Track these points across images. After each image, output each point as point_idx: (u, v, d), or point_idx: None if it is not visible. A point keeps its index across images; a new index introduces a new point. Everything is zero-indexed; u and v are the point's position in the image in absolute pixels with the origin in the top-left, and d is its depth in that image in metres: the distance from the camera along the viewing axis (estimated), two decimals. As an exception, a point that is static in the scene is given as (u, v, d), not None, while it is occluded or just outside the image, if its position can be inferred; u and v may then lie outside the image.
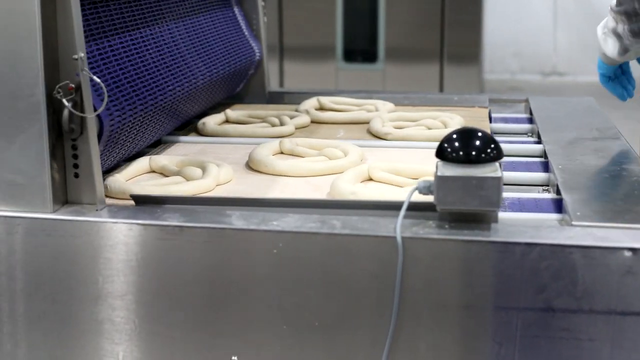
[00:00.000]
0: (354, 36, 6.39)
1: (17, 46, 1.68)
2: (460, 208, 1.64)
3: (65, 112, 1.71)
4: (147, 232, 1.68)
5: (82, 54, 1.71)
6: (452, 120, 2.59)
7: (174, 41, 2.36)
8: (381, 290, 1.63)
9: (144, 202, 1.80)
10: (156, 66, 2.19)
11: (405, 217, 1.63)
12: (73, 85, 1.71)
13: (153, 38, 2.25)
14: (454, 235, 1.61)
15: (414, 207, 1.68)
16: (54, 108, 1.72)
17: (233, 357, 1.71)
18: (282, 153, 2.29)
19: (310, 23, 6.28)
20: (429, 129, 2.54)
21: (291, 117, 2.65)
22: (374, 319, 1.65)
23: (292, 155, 2.28)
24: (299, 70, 6.32)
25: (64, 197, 1.77)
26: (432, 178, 1.66)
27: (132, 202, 1.83)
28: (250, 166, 2.15)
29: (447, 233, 1.62)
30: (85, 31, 1.84)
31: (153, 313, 1.72)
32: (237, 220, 1.69)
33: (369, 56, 6.34)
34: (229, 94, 2.86)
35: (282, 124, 2.59)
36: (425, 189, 1.67)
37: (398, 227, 1.61)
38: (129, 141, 2.03)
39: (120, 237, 1.69)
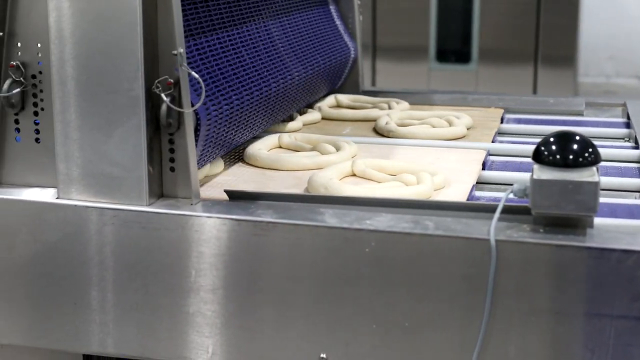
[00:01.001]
0: (447, 36, 6.34)
1: (118, 41, 1.71)
2: (555, 212, 1.61)
3: (164, 107, 1.73)
4: (240, 227, 1.69)
5: (182, 50, 1.73)
6: (459, 119, 2.60)
7: (270, 39, 2.38)
8: (472, 293, 1.62)
9: (237, 198, 1.82)
10: (252, 63, 2.21)
11: (499, 219, 1.62)
12: (172, 81, 1.73)
13: (249, 35, 2.26)
14: (549, 240, 1.59)
15: (509, 210, 1.66)
16: (152, 102, 1.75)
17: (322, 355, 1.71)
18: (280, 147, 2.36)
19: (403, 22, 6.25)
20: (434, 127, 2.56)
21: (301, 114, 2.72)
22: (464, 321, 1.63)
23: (290, 149, 2.33)
24: (391, 69, 6.30)
25: (159, 191, 1.80)
26: (526, 181, 1.64)
27: (225, 197, 1.85)
28: (245, 160, 2.22)
29: (541, 237, 1.60)
30: (184, 28, 1.86)
31: (243, 308, 1.73)
32: (330, 218, 1.69)
33: (462, 57, 6.29)
34: (325, 92, 2.87)
35: (291, 119, 2.63)
36: (520, 192, 1.65)
37: (492, 229, 1.60)
38: (226, 137, 2.05)
39: (214, 231, 1.70)
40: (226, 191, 1.84)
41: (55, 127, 1.78)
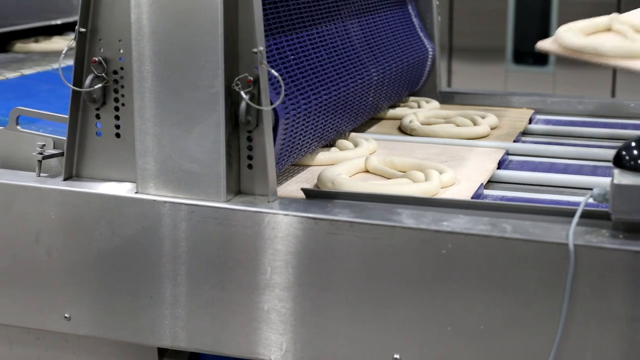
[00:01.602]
0: (524, 38, 6.28)
1: (199, 38, 1.72)
2: (636, 218, 1.59)
3: (243, 104, 1.74)
4: (317, 225, 1.69)
5: (262, 48, 1.73)
6: (483, 119, 2.61)
7: (348, 38, 2.38)
8: (549, 297, 1.60)
9: (314, 196, 1.82)
10: (331, 62, 2.21)
11: (577, 224, 1.60)
12: (251, 78, 1.74)
13: (328, 35, 2.26)
14: (628, 246, 1.57)
15: (588, 215, 1.64)
16: (231, 100, 1.76)
17: (395, 355, 1.71)
18: None
19: (481, 23, 6.21)
20: (458, 126, 2.56)
21: None
22: (540, 325, 1.62)
23: None
24: (467, 71, 6.26)
25: (237, 188, 1.81)
26: (606, 186, 1.62)
27: (302, 195, 1.85)
28: None
29: (621, 243, 1.58)
30: (264, 26, 1.87)
31: (318, 306, 1.73)
32: (408, 218, 1.68)
33: (540, 59, 6.23)
34: (404, 93, 2.86)
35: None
36: (600, 197, 1.63)
37: (570, 234, 1.58)
38: (304, 137, 2.05)
39: (291, 229, 1.71)
40: (303, 189, 1.84)
41: (135, 122, 1.80)
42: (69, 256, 1.89)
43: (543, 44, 2.28)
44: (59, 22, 3.38)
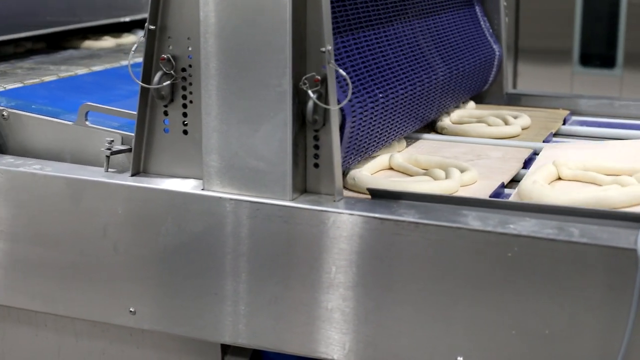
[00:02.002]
0: (592, 40, 6.21)
1: (268, 37, 1.73)
2: None
3: (310, 103, 1.74)
4: (383, 226, 1.69)
5: (330, 47, 1.73)
6: (516, 119, 2.61)
7: (415, 38, 2.37)
8: (616, 303, 1.58)
9: (380, 196, 1.82)
10: (397, 62, 2.21)
11: (647, 229, 1.58)
12: (319, 78, 1.74)
13: (395, 34, 2.26)
14: (699, 252, 1.54)
15: (657, 220, 1.62)
16: (299, 99, 1.76)
17: (458, 358, 1.70)
18: None
19: (547, 24, 6.15)
20: (489, 126, 2.56)
21: None
22: (606, 331, 1.60)
23: None
24: (533, 72, 6.21)
25: (302, 186, 1.81)
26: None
27: (368, 196, 1.85)
28: None
29: (691, 249, 1.55)
30: (332, 25, 1.87)
31: (382, 306, 1.73)
32: (473, 220, 1.67)
33: (607, 61, 6.15)
34: (471, 94, 2.84)
35: None
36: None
37: (639, 239, 1.56)
38: (370, 137, 2.05)
39: (356, 229, 1.71)
40: (369, 189, 1.84)
41: (203, 119, 1.81)
42: (135, 251, 1.91)
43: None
44: (127, 19, 3.41)
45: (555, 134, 2.64)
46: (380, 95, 2.04)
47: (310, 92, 1.73)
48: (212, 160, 1.82)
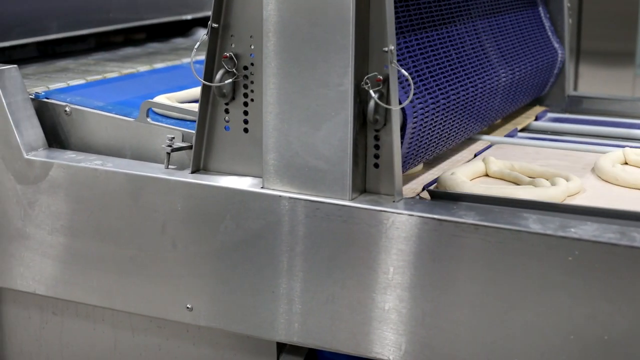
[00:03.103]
0: (655, 43, 6.13)
1: (330, 36, 1.72)
2: None
3: (371, 103, 1.74)
4: (442, 227, 1.68)
5: (392, 47, 1.73)
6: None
7: (478, 39, 2.35)
8: (679, 310, 1.56)
9: (439, 198, 1.81)
10: (460, 63, 2.19)
11: None
12: (381, 77, 1.73)
13: (458, 35, 2.24)
14: None
15: None
16: (360, 98, 1.76)
17: (516, 361, 1.69)
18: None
19: (610, 27, 6.08)
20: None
21: None
22: (668, 338, 1.58)
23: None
24: (594, 74, 6.14)
25: (362, 186, 1.81)
26: None
27: (427, 197, 1.84)
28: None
29: None
30: (395, 25, 1.86)
31: (439, 308, 1.72)
32: (534, 223, 1.66)
33: (671, 64, 6.07)
34: (532, 97, 2.82)
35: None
36: None
37: (703, 246, 1.53)
38: (430, 138, 2.04)
39: (415, 230, 1.70)
40: (428, 190, 1.83)
41: (264, 118, 1.81)
42: (194, 248, 1.92)
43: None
44: (189, 17, 3.43)
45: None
46: (442, 96, 2.03)
47: (371, 91, 1.73)
48: (272, 159, 1.82)
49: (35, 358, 2.36)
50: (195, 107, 2.00)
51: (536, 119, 2.79)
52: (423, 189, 1.96)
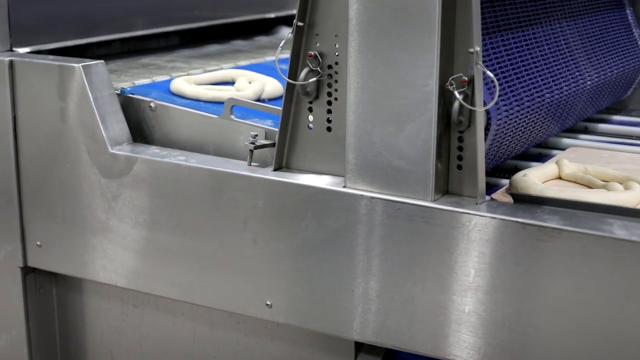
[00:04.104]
0: None
1: (416, 36, 1.72)
2: None
3: (456, 104, 1.73)
4: (525, 231, 1.66)
5: (478, 48, 1.71)
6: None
7: (564, 41, 2.32)
8: None
9: (522, 201, 1.79)
10: (545, 65, 2.17)
11: None
12: (466, 78, 1.72)
13: (544, 36, 2.22)
14: None
15: None
16: (444, 99, 1.75)
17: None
18: None
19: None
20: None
21: None
22: None
23: None
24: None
25: (444, 188, 1.80)
26: None
27: (510, 200, 1.82)
28: None
29: None
30: (481, 25, 1.85)
31: (520, 312, 1.70)
32: (619, 229, 1.63)
33: None
34: (614, 101, 2.78)
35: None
36: None
37: None
38: (511, 141, 2.03)
39: (498, 233, 1.69)
40: (511, 193, 1.82)
41: (347, 117, 1.82)
42: (274, 245, 1.93)
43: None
44: (272, 15, 3.45)
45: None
46: (527, 98, 2.01)
47: (456, 92, 1.72)
48: (354, 158, 1.82)
49: (115, 349, 2.40)
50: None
51: (611, 122, 2.75)
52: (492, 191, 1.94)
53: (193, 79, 2.43)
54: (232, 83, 2.52)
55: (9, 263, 2.38)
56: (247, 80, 2.51)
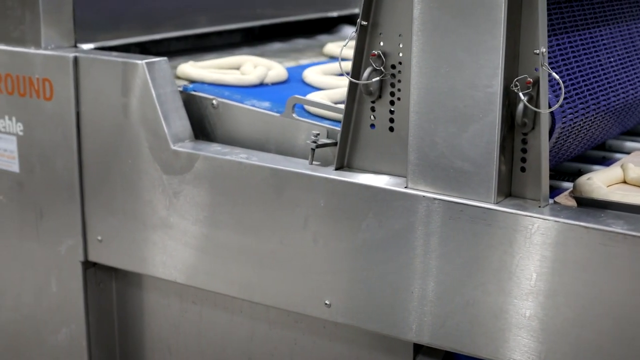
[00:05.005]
0: None
1: (481, 37, 1.70)
2: None
3: (520, 106, 1.71)
4: (589, 235, 1.64)
5: (544, 49, 1.69)
6: None
7: (631, 41, 2.29)
8: None
9: (586, 205, 1.77)
10: (612, 67, 2.14)
11: None
12: (531, 80, 1.70)
13: (611, 37, 2.19)
14: None
15: None
16: (509, 101, 1.73)
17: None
18: None
19: None
20: None
21: None
22: None
23: None
24: None
25: (507, 190, 1.78)
26: None
27: (574, 203, 1.80)
28: None
29: None
30: (547, 26, 1.83)
31: (583, 318, 1.68)
32: (685, 235, 1.61)
33: None
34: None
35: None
36: None
37: None
38: (573, 143, 2.00)
39: (561, 236, 1.67)
40: (575, 197, 1.79)
41: (410, 117, 1.80)
42: (334, 244, 1.93)
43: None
44: (334, 14, 3.44)
45: None
46: (592, 101, 1.98)
47: (521, 94, 1.70)
48: (417, 158, 1.81)
49: (173, 345, 2.41)
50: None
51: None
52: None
53: (199, 64, 2.49)
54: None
55: (70, 257, 2.40)
56: (253, 65, 2.54)
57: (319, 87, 2.43)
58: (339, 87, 2.37)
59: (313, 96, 2.23)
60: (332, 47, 2.98)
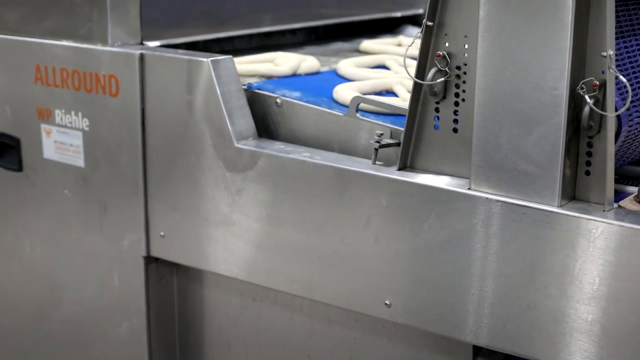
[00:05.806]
0: None
1: (547, 39, 1.69)
2: None
3: (586, 109, 1.70)
4: (654, 240, 1.63)
5: (611, 52, 1.68)
6: None
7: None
8: None
9: (652, 209, 1.75)
10: (681, 70, 2.11)
11: None
12: (597, 83, 1.69)
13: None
14: None
15: None
16: (575, 103, 1.72)
17: None
18: None
19: None
20: None
21: None
22: None
23: None
24: None
25: (571, 193, 1.77)
26: None
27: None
28: None
29: None
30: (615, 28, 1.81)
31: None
32: None
33: None
34: None
35: None
36: None
37: None
38: (638, 145, 1.98)
39: (625, 241, 1.65)
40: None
41: (475, 119, 1.80)
42: (396, 244, 1.93)
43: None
44: (398, 14, 3.44)
45: None
46: (660, 104, 1.96)
47: (587, 97, 1.69)
48: (480, 160, 1.81)
49: (233, 341, 2.43)
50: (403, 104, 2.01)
51: None
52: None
53: (237, 60, 2.49)
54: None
55: (132, 252, 2.43)
56: (287, 58, 2.58)
57: (350, 79, 2.45)
58: (369, 79, 2.39)
59: (342, 87, 2.26)
60: (368, 43, 2.99)
